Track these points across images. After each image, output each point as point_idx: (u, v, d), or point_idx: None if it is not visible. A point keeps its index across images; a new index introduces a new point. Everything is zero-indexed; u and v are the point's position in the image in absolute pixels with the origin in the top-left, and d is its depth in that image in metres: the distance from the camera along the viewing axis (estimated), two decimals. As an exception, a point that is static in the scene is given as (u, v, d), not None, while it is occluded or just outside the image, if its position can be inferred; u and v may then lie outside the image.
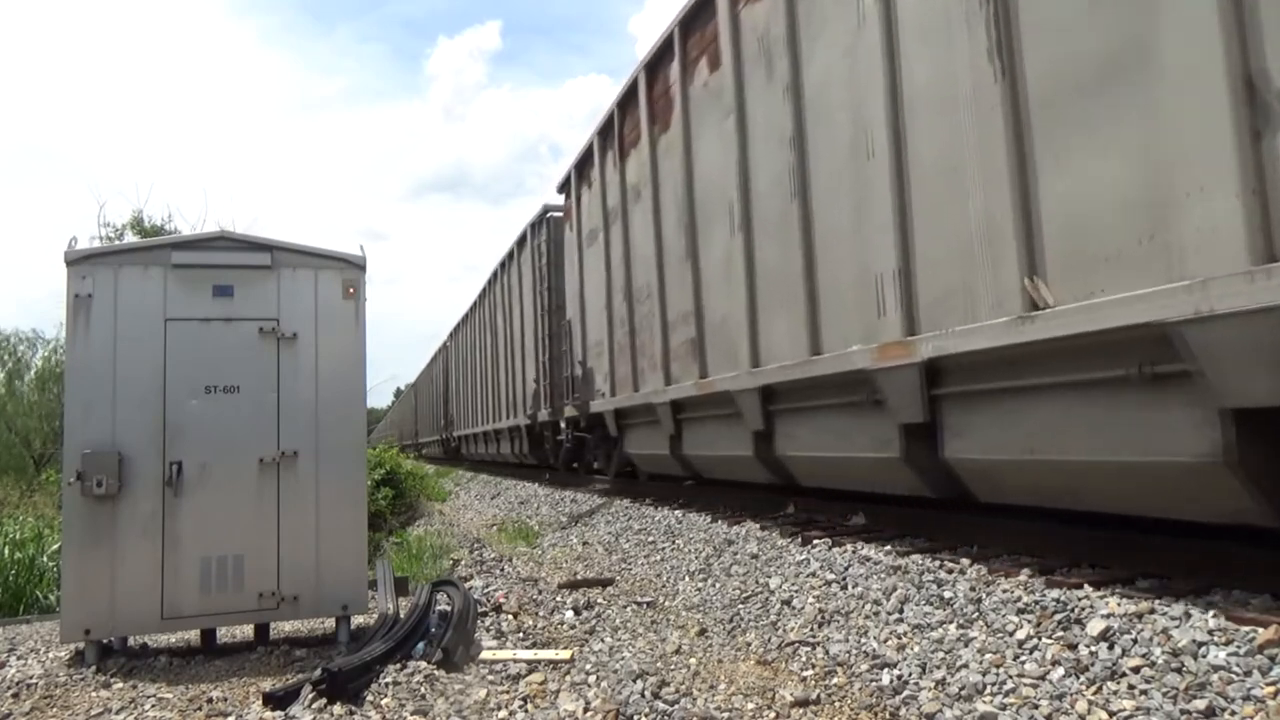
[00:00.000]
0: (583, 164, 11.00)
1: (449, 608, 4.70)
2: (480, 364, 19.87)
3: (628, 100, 9.15)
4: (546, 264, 13.18)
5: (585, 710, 3.37)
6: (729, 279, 6.77)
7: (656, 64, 8.37)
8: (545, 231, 13.50)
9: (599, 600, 5.49)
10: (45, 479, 15.85)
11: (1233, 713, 2.56)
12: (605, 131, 9.94)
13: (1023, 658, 3.21)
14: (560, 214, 12.91)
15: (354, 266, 4.92)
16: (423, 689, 3.66)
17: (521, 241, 15.21)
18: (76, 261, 4.54)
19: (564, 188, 11.97)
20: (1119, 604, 3.28)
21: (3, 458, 18.19)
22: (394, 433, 45.34)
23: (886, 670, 3.50)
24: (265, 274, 4.76)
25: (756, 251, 6.41)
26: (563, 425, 12.60)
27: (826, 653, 3.87)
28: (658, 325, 8.32)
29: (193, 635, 4.82)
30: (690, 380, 7.52)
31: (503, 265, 17.04)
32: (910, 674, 3.40)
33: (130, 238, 14.97)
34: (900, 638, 3.73)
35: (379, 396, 64.75)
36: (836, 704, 3.39)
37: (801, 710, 3.37)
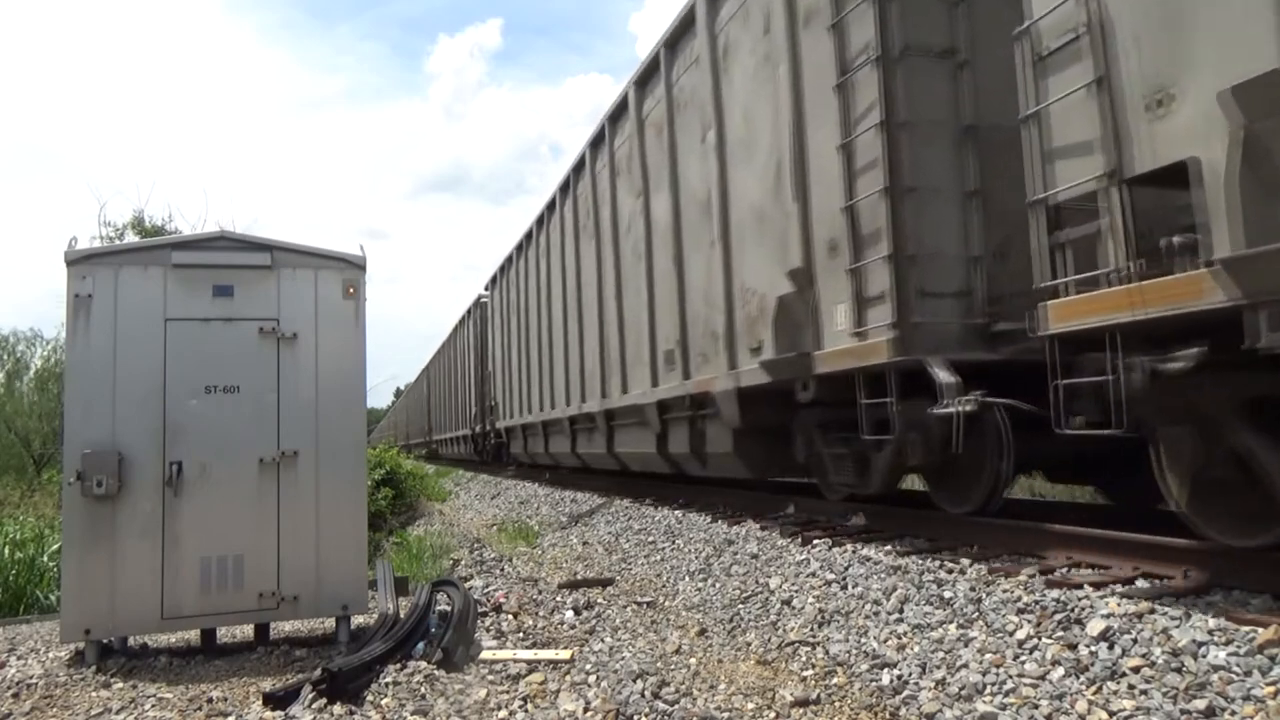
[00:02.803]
0: None
1: (449, 608, 4.70)
2: (568, 299, 11.86)
3: None
4: None
5: (585, 710, 3.37)
6: None
7: None
8: None
9: (599, 600, 5.49)
10: (45, 479, 15.86)
11: (1233, 713, 2.56)
12: None
13: (1023, 658, 3.21)
14: None
15: (354, 266, 4.92)
16: (423, 689, 3.67)
17: None
18: (76, 261, 4.54)
19: None
20: (1119, 604, 3.28)
21: (3, 458, 18.20)
22: (394, 433, 44.66)
23: (886, 670, 3.50)
24: (265, 274, 4.76)
25: None
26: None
27: (826, 653, 3.87)
28: None
29: (193, 635, 4.82)
30: None
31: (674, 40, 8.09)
32: (910, 674, 3.40)
33: (131, 237, 14.97)
34: (900, 638, 3.73)
35: (379, 396, 64.84)
36: (836, 704, 3.39)
37: (801, 710, 3.37)
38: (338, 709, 3.42)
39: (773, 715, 3.34)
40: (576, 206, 11.58)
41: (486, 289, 18.84)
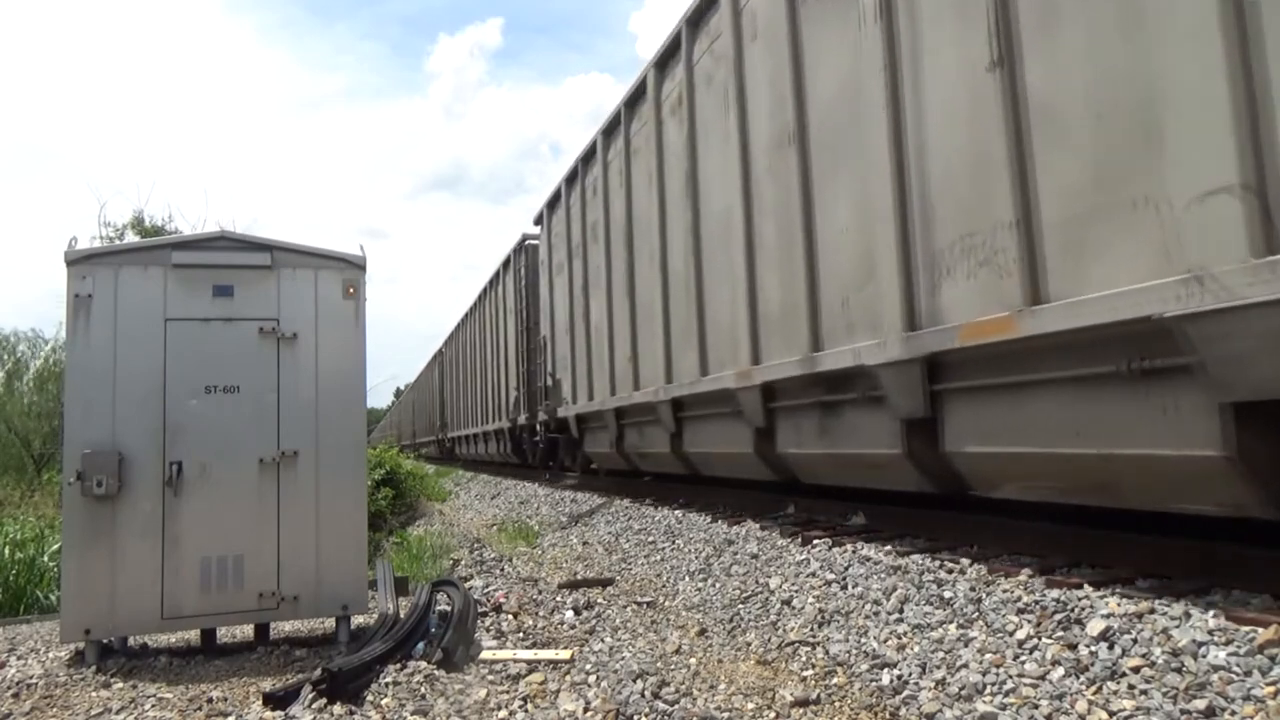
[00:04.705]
0: None
1: (449, 608, 4.70)
2: (753, 159, 6.52)
3: None
4: None
5: (585, 710, 3.37)
6: None
7: None
8: None
9: (599, 600, 5.49)
10: (45, 479, 15.87)
11: (1233, 713, 2.56)
12: None
13: (1023, 658, 3.21)
14: None
15: (354, 266, 4.92)
16: (423, 689, 3.67)
17: None
18: (77, 261, 4.54)
19: None
20: (1119, 604, 3.28)
21: (3, 458, 18.20)
22: (395, 433, 44.56)
23: (886, 670, 3.50)
24: (265, 274, 4.77)
25: None
26: None
27: (826, 653, 3.87)
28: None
29: (193, 635, 4.83)
30: None
31: None
32: (910, 674, 3.40)
33: (131, 237, 14.99)
34: (900, 638, 3.73)
35: (379, 396, 64.94)
36: (836, 704, 3.39)
37: (801, 710, 3.37)
38: (338, 709, 3.42)
39: (773, 715, 3.34)
40: None
41: (537, 224, 13.50)
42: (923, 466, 4.85)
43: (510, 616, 5.02)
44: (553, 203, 12.50)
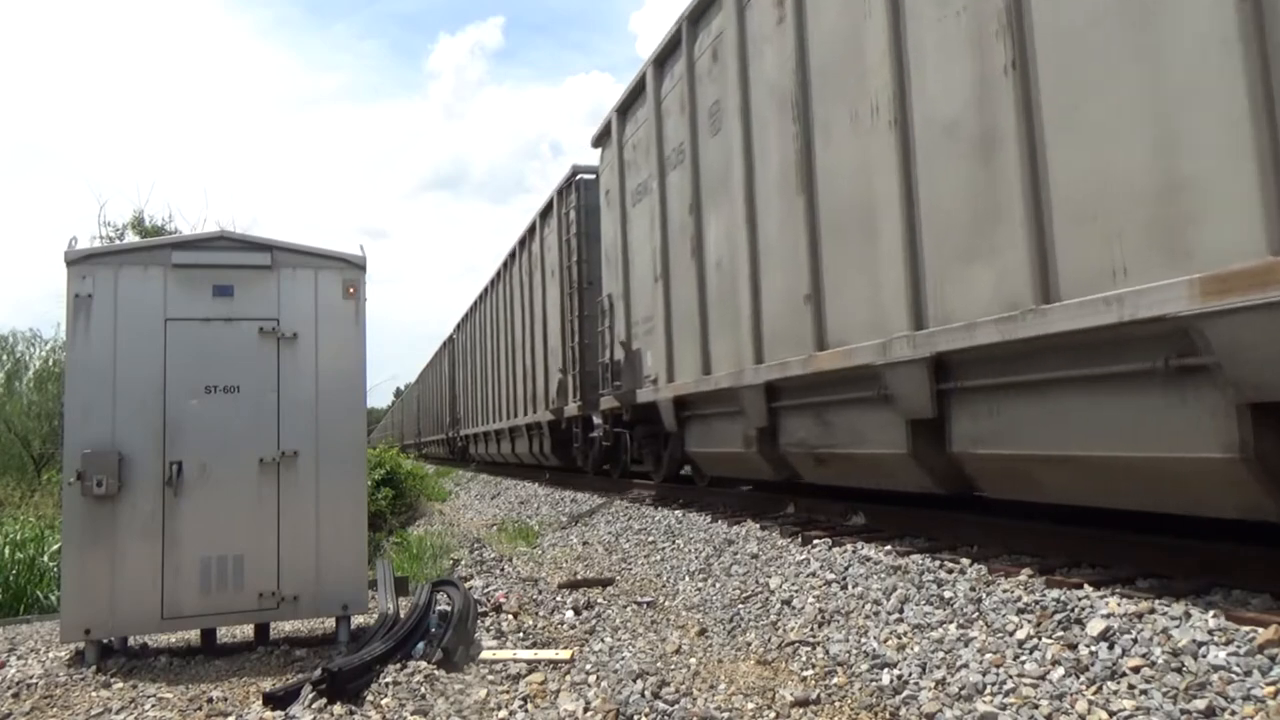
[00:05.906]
0: None
1: (449, 608, 4.70)
2: None
3: None
4: None
5: (585, 710, 3.37)
6: None
7: None
8: None
9: (599, 600, 5.49)
10: (45, 479, 15.87)
11: (1233, 713, 2.56)
12: None
13: (1023, 658, 3.21)
14: None
15: (354, 266, 4.92)
16: (423, 689, 3.67)
17: None
18: (77, 261, 4.54)
19: None
20: (1119, 604, 3.28)
21: (3, 458, 18.20)
22: (396, 433, 44.42)
23: (886, 670, 3.50)
24: (265, 274, 4.76)
25: None
26: None
27: (826, 652, 3.87)
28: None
29: (193, 635, 4.82)
30: None
31: None
32: (910, 674, 3.40)
33: (131, 237, 14.99)
34: (900, 637, 3.73)
35: (379, 396, 64.95)
36: (836, 704, 3.39)
37: (801, 710, 3.37)
38: (338, 709, 3.42)
39: (773, 715, 3.34)
40: None
41: (597, 145, 10.03)
42: None
43: (510, 616, 5.02)
44: (627, 105, 8.87)
